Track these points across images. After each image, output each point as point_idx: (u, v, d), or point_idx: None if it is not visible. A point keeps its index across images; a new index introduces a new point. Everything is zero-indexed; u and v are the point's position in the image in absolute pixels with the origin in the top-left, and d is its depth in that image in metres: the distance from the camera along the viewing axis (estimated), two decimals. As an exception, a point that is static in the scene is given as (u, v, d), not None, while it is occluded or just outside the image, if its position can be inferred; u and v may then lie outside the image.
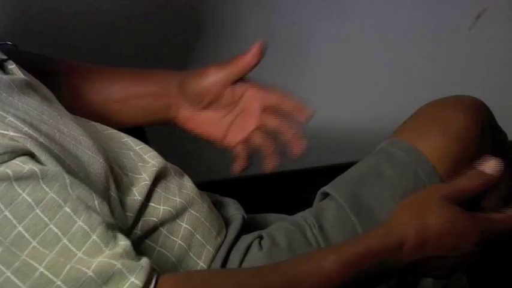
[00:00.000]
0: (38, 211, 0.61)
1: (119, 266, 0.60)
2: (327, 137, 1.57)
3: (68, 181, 0.64)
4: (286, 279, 0.65)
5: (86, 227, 0.62)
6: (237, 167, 0.96)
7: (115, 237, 0.63)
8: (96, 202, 0.65)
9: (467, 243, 0.73)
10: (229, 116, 0.95)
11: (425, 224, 0.71)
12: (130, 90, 0.96)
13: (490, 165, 0.73)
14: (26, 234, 0.60)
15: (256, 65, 0.91)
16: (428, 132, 0.97)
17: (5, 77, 0.74)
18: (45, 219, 0.61)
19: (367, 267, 0.67)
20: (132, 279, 0.60)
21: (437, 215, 0.71)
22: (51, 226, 0.61)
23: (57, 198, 0.62)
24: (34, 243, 0.60)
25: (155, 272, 0.62)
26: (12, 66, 0.80)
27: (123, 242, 0.63)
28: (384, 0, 1.57)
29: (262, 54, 0.91)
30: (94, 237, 0.62)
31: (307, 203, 0.96)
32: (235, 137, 0.96)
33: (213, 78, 0.92)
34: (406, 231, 0.70)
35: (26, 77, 0.79)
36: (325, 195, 0.93)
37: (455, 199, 0.74)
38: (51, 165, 0.65)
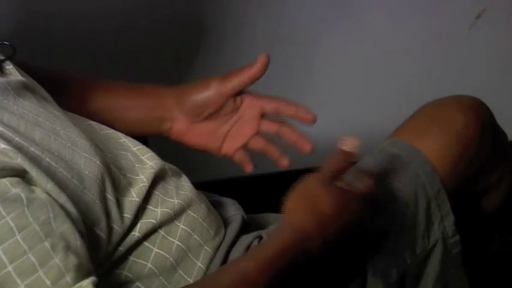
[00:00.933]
0: (18, 237, 0.61)
1: None
2: (327, 137, 1.57)
3: (52, 215, 0.64)
4: None
5: (61, 265, 0.62)
6: (247, 169, 0.97)
7: (82, 283, 0.63)
8: (78, 243, 0.65)
9: (354, 208, 0.79)
10: (227, 126, 0.94)
11: (321, 211, 0.76)
12: (125, 102, 0.96)
13: (348, 144, 0.80)
14: (4, 257, 0.60)
15: (260, 77, 0.90)
16: (429, 132, 0.97)
17: (0, 79, 0.74)
18: (25, 247, 0.61)
19: (283, 264, 0.72)
20: None
21: (327, 200, 0.76)
22: (29, 255, 0.61)
23: (39, 231, 0.62)
24: (9, 268, 0.60)
25: None
26: (9, 66, 0.80)
27: (89, 279, 0.64)
28: (384, 1, 1.57)
29: (267, 66, 0.90)
30: (67, 278, 0.62)
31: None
32: (232, 145, 0.95)
33: (217, 89, 0.91)
34: (308, 226, 0.75)
35: (23, 78, 0.78)
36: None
37: (330, 180, 0.78)
38: (42, 184, 0.65)
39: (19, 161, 0.65)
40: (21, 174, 0.65)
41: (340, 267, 0.88)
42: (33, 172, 0.65)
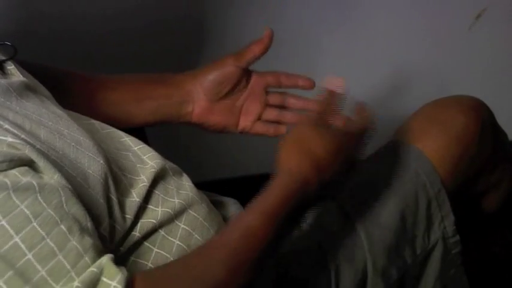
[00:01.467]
0: (35, 224, 0.62)
1: (100, 274, 0.63)
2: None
3: (63, 198, 0.65)
4: (227, 250, 0.70)
5: (79, 247, 0.63)
6: (279, 130, 1.01)
7: (101, 260, 0.64)
8: (89, 224, 0.66)
9: (348, 148, 0.82)
10: (240, 102, 0.99)
11: (315, 154, 0.78)
12: (141, 92, 0.99)
13: (333, 83, 0.84)
14: (22, 246, 0.61)
15: (268, 48, 0.97)
16: (429, 133, 0.97)
17: (2, 81, 0.74)
18: (42, 233, 0.62)
19: (286, 212, 0.74)
20: (115, 283, 0.62)
21: (319, 143, 0.79)
22: (48, 240, 0.62)
23: (54, 215, 0.63)
24: (29, 256, 0.61)
25: (130, 275, 0.65)
26: (11, 67, 0.80)
27: (107, 256, 0.65)
28: (385, 2, 1.57)
29: (272, 38, 0.97)
30: (86, 258, 0.63)
31: (307, 203, 0.95)
32: (248, 119, 1.00)
33: (234, 64, 0.97)
34: (305, 171, 0.77)
35: (24, 79, 0.78)
36: (326, 195, 0.93)
37: (320, 122, 0.82)
38: (50, 174, 0.65)
39: (27, 151, 0.65)
40: (28, 164, 0.65)
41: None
42: (41, 163, 0.66)
